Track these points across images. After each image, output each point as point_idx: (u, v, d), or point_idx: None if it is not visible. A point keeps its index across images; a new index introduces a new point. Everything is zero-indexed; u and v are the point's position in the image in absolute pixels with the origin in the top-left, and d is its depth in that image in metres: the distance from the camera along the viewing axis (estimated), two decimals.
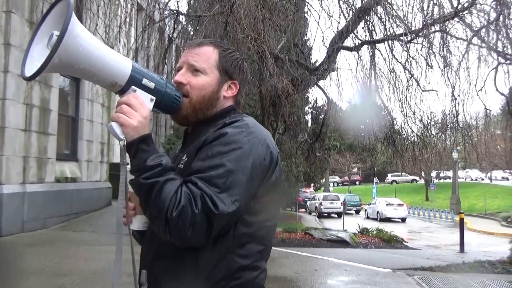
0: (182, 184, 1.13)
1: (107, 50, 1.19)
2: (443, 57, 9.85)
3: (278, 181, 1.27)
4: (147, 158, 1.15)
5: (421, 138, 13.20)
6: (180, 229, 1.08)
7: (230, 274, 1.18)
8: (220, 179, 1.12)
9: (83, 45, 1.12)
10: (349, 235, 12.30)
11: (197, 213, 1.08)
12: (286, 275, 6.85)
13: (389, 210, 27.31)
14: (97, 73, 1.17)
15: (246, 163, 1.16)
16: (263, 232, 1.25)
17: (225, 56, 1.36)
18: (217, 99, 1.34)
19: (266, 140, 1.24)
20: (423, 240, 17.80)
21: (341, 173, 49.47)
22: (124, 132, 1.17)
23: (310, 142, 15.39)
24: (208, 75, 1.32)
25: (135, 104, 1.18)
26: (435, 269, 8.20)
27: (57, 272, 5.94)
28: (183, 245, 1.14)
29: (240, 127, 1.22)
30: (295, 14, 10.24)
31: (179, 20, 10.54)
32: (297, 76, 10.96)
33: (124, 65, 1.20)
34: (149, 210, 1.15)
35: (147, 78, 1.23)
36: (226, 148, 1.16)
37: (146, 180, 1.12)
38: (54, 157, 10.07)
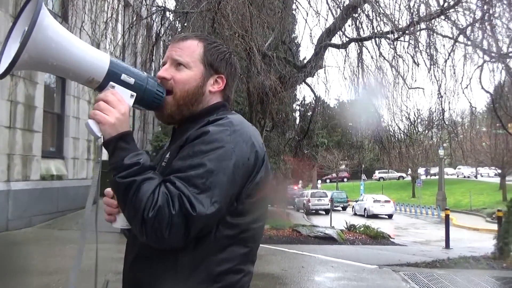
0: (161, 184, 1.09)
1: (83, 45, 1.14)
2: (429, 55, 9.94)
3: (264, 181, 1.22)
4: (125, 156, 1.10)
5: (408, 135, 13.33)
6: (156, 230, 1.04)
7: (210, 277, 1.14)
8: (199, 179, 1.08)
9: (55, 40, 1.07)
10: (336, 232, 12.37)
11: (174, 214, 1.04)
12: (273, 272, 6.87)
13: (376, 207, 27.55)
14: (73, 69, 1.13)
15: (228, 163, 1.12)
16: (248, 235, 1.20)
17: (210, 50, 1.31)
18: (202, 94, 1.29)
19: (251, 138, 1.20)
20: (410, 236, 17.96)
21: (329, 170, 49.66)
22: (102, 129, 1.13)
23: (298, 139, 15.43)
24: (192, 69, 1.27)
25: (112, 100, 1.14)
26: (421, 265, 8.29)
27: (43, 271, 5.88)
28: (161, 247, 1.10)
29: (224, 125, 1.17)
30: (283, 11, 10.24)
31: (167, 17, 10.48)
32: (285, 73, 10.97)
33: (101, 60, 1.16)
34: (126, 210, 1.11)
35: (127, 73, 1.19)
36: (208, 147, 1.12)
37: (123, 179, 1.09)
38: (39, 155, 9.95)
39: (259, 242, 1.29)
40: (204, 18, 8.77)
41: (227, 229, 1.15)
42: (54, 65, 1.10)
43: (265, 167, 1.23)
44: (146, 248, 1.13)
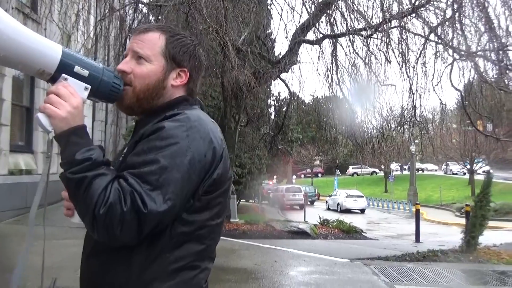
0: (114, 180, 1.07)
1: (32, 35, 1.09)
2: (401, 53, 10.09)
3: (222, 178, 1.21)
4: (76, 151, 1.08)
5: (381, 131, 13.53)
6: (107, 227, 1.03)
7: (164, 274, 1.13)
8: (152, 176, 1.06)
9: (2, 31, 1.03)
10: (310, 227, 12.49)
11: (125, 211, 1.02)
12: (246, 267, 6.90)
13: (349, 202, 28.28)
14: (21, 61, 1.09)
15: (183, 159, 1.10)
16: (204, 231, 1.19)
17: (173, 42, 1.27)
18: (163, 88, 1.26)
19: (209, 134, 1.18)
20: (381, 231, 18.31)
21: (303, 165, 50.04)
22: (52, 124, 1.10)
23: (273, 134, 15.50)
24: (153, 62, 1.24)
25: (64, 93, 1.11)
26: (391, 258, 8.46)
27: (9, 268, 5.72)
28: (113, 244, 1.09)
29: (180, 121, 1.15)
30: (258, 6, 10.24)
31: (140, 9, 10.33)
32: (259, 68, 10.99)
33: (53, 51, 1.11)
34: (78, 206, 1.09)
35: (80, 65, 1.15)
36: (163, 143, 1.10)
37: (73, 175, 1.06)
38: (7, 149, 9.69)
39: (218, 238, 1.28)
40: (177, 12, 8.67)
41: (183, 226, 1.14)
42: (2, 57, 1.06)
43: (223, 163, 1.21)
44: (100, 244, 1.12)
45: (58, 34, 9.31)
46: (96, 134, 16.28)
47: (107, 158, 1.15)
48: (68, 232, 6.78)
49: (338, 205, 28.58)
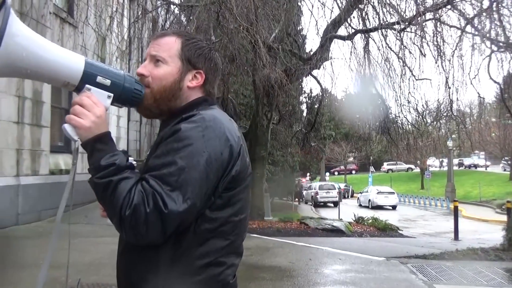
0: (137, 183, 1.13)
1: (56, 49, 1.14)
2: (436, 46, 9.84)
3: (241, 175, 1.24)
4: (101, 157, 1.14)
5: (416, 127, 13.25)
6: (134, 228, 1.08)
7: (191, 271, 1.17)
8: (171, 177, 1.11)
9: (26, 47, 1.08)
10: (344, 224, 12.36)
11: (148, 212, 1.07)
12: (280, 265, 6.89)
13: (380, 198, 28.21)
14: (47, 75, 1.15)
15: (199, 159, 1.14)
16: (228, 227, 1.22)
17: (188, 45, 1.31)
18: (179, 89, 1.30)
19: (225, 133, 1.20)
20: (418, 228, 17.91)
21: (337, 162, 49.56)
22: (78, 133, 1.16)
23: (305, 131, 15.41)
24: (169, 64, 1.29)
25: (87, 104, 1.16)
26: (429, 257, 8.26)
27: (52, 265, 5.91)
28: (140, 243, 1.14)
29: (195, 121, 1.18)
30: (288, 3, 10.20)
31: (172, 10, 10.47)
32: (290, 66, 10.95)
33: (75, 64, 1.16)
34: (106, 209, 1.15)
35: (102, 75, 1.19)
36: (179, 145, 1.14)
37: (100, 180, 1.12)
38: (48, 149, 10.03)
39: (243, 234, 1.31)
40: (208, 11, 8.74)
41: (206, 223, 1.18)
42: (28, 72, 1.11)
43: (241, 160, 1.24)
44: (130, 242, 1.18)
45: (93, 37, 9.56)
46: (131, 134, 16.63)
47: (131, 162, 1.20)
48: (107, 230, 6.95)
49: (370, 202, 28.58)
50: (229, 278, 1.24)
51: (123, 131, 15.11)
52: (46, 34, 9.50)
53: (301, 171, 26.96)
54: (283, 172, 20.32)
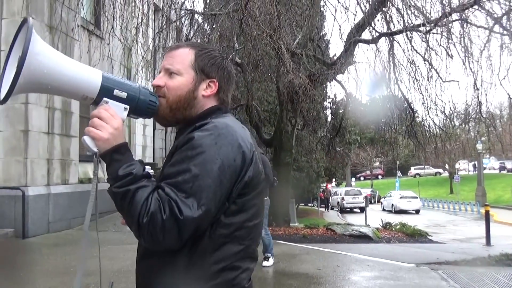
0: (154, 191, 1.17)
1: (74, 65, 1.20)
2: (463, 47, 9.66)
3: (254, 180, 1.27)
4: (119, 167, 1.18)
5: (444, 130, 13.00)
6: (152, 235, 1.12)
7: (207, 275, 1.20)
8: (186, 184, 1.15)
9: (47, 64, 1.13)
10: (372, 230, 12.16)
11: (165, 218, 1.11)
12: (307, 272, 6.83)
13: (403, 203, 28.31)
14: (67, 90, 1.20)
15: (213, 166, 1.17)
16: (243, 233, 1.26)
17: (201, 56, 1.36)
18: (194, 98, 1.35)
19: (238, 140, 1.24)
20: (448, 234, 17.50)
21: (362, 167, 49.01)
22: (97, 145, 1.21)
23: (330, 137, 15.30)
24: (183, 75, 1.34)
25: (105, 116, 1.21)
26: (460, 263, 8.06)
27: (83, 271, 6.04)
28: (158, 249, 1.18)
29: (208, 129, 1.22)
30: (311, 8, 10.19)
31: (195, 19, 10.59)
32: (314, 71, 10.92)
33: (93, 79, 1.21)
34: (124, 216, 1.19)
35: (119, 88, 1.25)
36: (193, 152, 1.18)
37: (118, 189, 1.17)
38: (77, 159, 10.26)
39: (258, 239, 1.35)
40: (232, 19, 8.81)
41: (221, 228, 1.21)
42: (49, 88, 1.17)
43: (254, 166, 1.27)
44: (148, 248, 1.23)
45: (120, 48, 9.76)
46: (157, 142, 16.85)
47: (147, 171, 1.24)
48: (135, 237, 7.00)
49: (393, 206, 28.72)
50: (244, 282, 1.27)
51: (149, 139, 15.32)
52: (75, 46, 9.75)
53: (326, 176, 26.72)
54: (308, 178, 20.19)
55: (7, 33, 8.79)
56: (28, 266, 6.27)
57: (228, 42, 9.41)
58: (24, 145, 8.66)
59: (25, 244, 7.98)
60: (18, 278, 5.66)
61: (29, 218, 8.43)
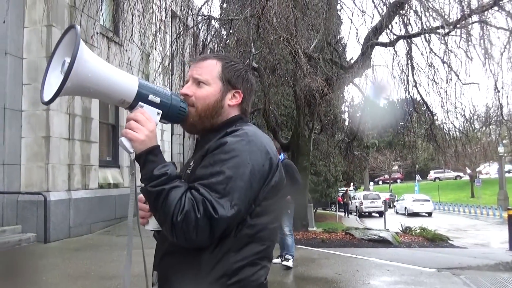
0: (187, 191, 1.23)
1: (115, 71, 1.27)
2: (483, 49, 9.50)
3: (279, 185, 1.35)
4: (154, 168, 1.25)
5: (464, 133, 12.81)
6: (185, 232, 1.18)
7: (229, 272, 1.26)
8: (220, 185, 1.21)
9: (92, 70, 1.21)
10: (391, 235, 12.03)
11: (199, 217, 1.17)
12: (327, 276, 6.78)
13: (416, 205, 29.08)
14: (107, 93, 1.27)
15: (245, 169, 1.25)
16: (265, 234, 1.33)
17: (228, 68, 1.45)
18: (221, 107, 1.43)
19: (265, 147, 1.33)
20: (470, 238, 17.20)
21: (381, 171, 48.52)
22: (133, 146, 1.27)
23: (348, 140, 15.20)
24: (211, 85, 1.42)
25: (141, 119, 1.28)
26: (483, 268, 7.92)
27: (102, 276, 6.12)
28: (189, 246, 1.24)
29: (240, 136, 1.31)
30: (328, 12, 10.17)
31: (212, 25, 10.66)
32: (331, 74, 10.86)
33: (131, 84, 1.28)
34: (157, 215, 1.26)
35: (153, 93, 1.32)
36: (226, 156, 1.26)
37: (153, 188, 1.22)
38: (96, 164, 10.39)
39: (275, 241, 1.43)
40: (248, 24, 8.85)
41: (246, 228, 1.28)
42: (91, 91, 1.25)
43: (279, 172, 1.36)
44: (173, 245, 1.28)
45: (138, 54, 9.88)
46: (174, 147, 16.98)
47: (179, 172, 1.33)
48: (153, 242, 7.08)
49: (406, 209, 29.37)
50: (262, 279, 1.34)
51: (166, 144, 15.44)
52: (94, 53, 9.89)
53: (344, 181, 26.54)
54: (326, 182, 20.06)
55: (29, 41, 8.98)
56: (50, 270, 6.37)
57: (245, 47, 9.44)
58: (46, 151, 8.82)
59: (47, 249, 8.11)
60: (41, 282, 5.75)
61: (50, 223, 8.57)
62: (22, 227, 8.59)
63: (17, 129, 8.83)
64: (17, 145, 8.82)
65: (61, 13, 9.25)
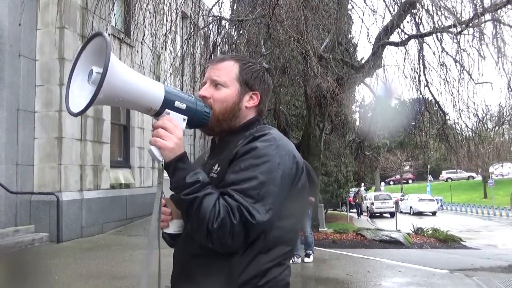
0: (219, 197, 1.22)
1: (142, 80, 1.26)
2: (496, 47, 9.38)
3: (304, 188, 1.36)
4: (185, 175, 1.24)
5: (477, 133, 12.68)
6: (221, 239, 1.18)
7: (259, 274, 1.27)
8: (254, 191, 1.22)
9: (122, 79, 1.19)
10: (403, 235, 11.96)
11: (235, 223, 1.18)
12: (338, 277, 6.76)
13: (421, 205, 30.39)
14: (135, 102, 1.26)
15: (276, 174, 1.26)
16: (291, 235, 1.36)
17: (245, 69, 1.44)
18: (239, 109, 1.42)
19: (292, 151, 1.34)
20: (482, 239, 17.01)
21: (392, 171, 48.20)
22: (163, 154, 1.26)
23: (359, 141, 15.13)
24: (229, 87, 1.41)
25: (170, 127, 1.27)
26: (496, 269, 7.84)
27: (114, 276, 6.16)
28: (224, 251, 1.23)
29: (269, 140, 1.31)
30: (338, 12, 10.12)
31: (223, 26, 10.68)
32: (342, 74, 10.82)
33: (157, 91, 1.27)
34: (190, 222, 1.26)
35: (179, 100, 1.30)
36: (258, 161, 1.26)
37: (186, 196, 1.22)
38: (108, 165, 10.46)
39: (297, 242, 1.49)
40: (259, 25, 8.85)
41: (275, 231, 1.28)
42: (120, 100, 1.22)
43: (304, 175, 1.37)
44: (201, 249, 1.27)
45: (149, 55, 9.93)
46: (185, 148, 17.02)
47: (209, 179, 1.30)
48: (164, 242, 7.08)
49: (411, 208, 30.53)
50: (287, 278, 1.36)
51: None
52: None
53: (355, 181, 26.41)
54: (336, 183, 19.99)
55: (42, 43, 9.07)
56: (63, 270, 6.42)
57: (255, 47, 9.44)
58: (58, 151, 8.90)
59: (60, 248, 8.18)
60: (53, 281, 5.81)
61: (63, 223, 8.64)
62: (35, 227, 8.67)
63: (30, 130, 8.92)
64: (30, 146, 8.91)
65: (74, 15, 9.33)
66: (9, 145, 8.43)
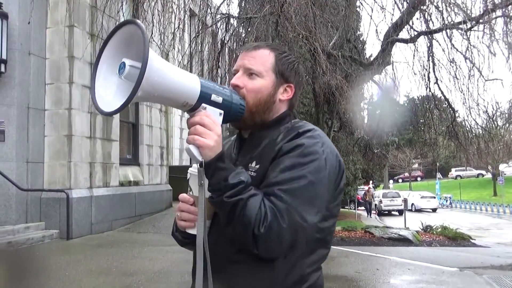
0: (264, 198, 1.14)
1: (178, 72, 1.15)
2: (507, 44, 9.30)
3: (343, 187, 1.30)
4: (227, 176, 1.14)
5: (486, 130, 12.58)
6: (267, 243, 1.11)
7: (302, 278, 1.21)
8: (303, 191, 1.14)
9: (159, 74, 1.08)
10: (412, 233, 11.91)
11: (284, 227, 1.10)
12: (346, 275, 6.75)
13: (423, 202, 31.86)
14: (171, 97, 1.15)
15: (324, 173, 1.18)
16: (330, 237, 1.29)
17: (281, 59, 1.34)
18: (273, 102, 1.32)
19: (335, 149, 1.26)
20: (492, 237, 16.91)
21: (401, 169, 47.97)
22: (202, 153, 1.15)
23: (367, 138, 15.07)
24: (265, 78, 1.30)
25: (208, 123, 1.16)
26: (506, 267, 7.78)
27: (123, 272, 6.20)
28: (271, 257, 1.16)
29: (315, 137, 1.22)
30: (347, 9, 10.07)
31: (231, 23, 10.68)
32: (351, 72, 10.79)
33: (193, 85, 1.16)
34: (232, 226, 1.14)
35: (215, 93, 1.20)
36: (305, 160, 1.17)
37: (229, 199, 1.12)
38: (117, 162, 10.52)
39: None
40: (267, 22, 8.83)
41: (317, 233, 1.22)
42: (155, 96, 1.12)
43: (344, 175, 1.30)
44: (242, 252, 1.17)
45: (158, 53, 9.95)
46: None
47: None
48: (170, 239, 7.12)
49: (413, 205, 31.41)
50: (323, 281, 1.30)
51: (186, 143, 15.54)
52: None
53: (363, 178, 26.36)
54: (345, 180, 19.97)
55: (51, 42, 9.14)
56: (73, 266, 6.48)
57: None
58: (68, 149, 8.97)
59: (70, 245, 8.26)
60: (64, 277, 5.86)
61: (73, 219, 8.72)
62: (45, 223, 8.76)
63: (40, 128, 9.00)
64: (40, 144, 8.99)
65: (83, 14, 9.38)
66: (20, 142, 8.52)
